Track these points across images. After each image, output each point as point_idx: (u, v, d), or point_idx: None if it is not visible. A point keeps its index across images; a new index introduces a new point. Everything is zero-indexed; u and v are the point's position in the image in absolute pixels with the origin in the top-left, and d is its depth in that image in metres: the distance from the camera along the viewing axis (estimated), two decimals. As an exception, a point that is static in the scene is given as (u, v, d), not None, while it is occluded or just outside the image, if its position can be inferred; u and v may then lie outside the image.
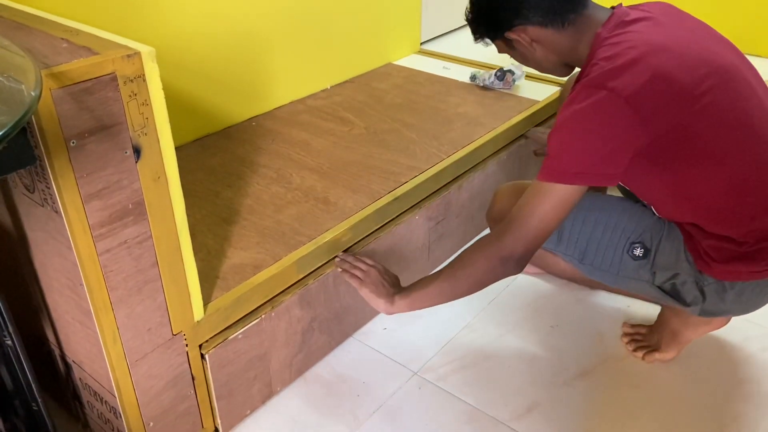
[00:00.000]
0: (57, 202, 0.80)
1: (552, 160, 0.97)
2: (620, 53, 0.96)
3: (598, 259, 1.12)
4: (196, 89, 1.56)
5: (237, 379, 1.09)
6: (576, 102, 0.96)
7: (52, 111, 0.73)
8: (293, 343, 1.18)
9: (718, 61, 0.98)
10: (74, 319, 0.94)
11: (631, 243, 1.10)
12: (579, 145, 0.96)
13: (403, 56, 2.16)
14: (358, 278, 1.15)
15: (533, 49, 1.09)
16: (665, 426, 1.14)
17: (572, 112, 0.96)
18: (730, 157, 0.98)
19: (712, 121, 0.96)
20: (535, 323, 1.37)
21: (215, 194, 1.37)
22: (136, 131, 0.81)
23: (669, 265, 1.08)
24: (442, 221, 1.45)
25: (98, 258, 0.84)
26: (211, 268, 1.14)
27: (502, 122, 1.68)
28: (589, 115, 0.94)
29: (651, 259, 1.09)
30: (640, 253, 1.09)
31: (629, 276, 1.12)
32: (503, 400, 1.19)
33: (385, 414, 1.17)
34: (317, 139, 1.60)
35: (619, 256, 1.11)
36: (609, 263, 1.12)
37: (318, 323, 1.22)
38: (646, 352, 1.27)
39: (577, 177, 0.95)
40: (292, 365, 1.20)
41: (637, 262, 1.10)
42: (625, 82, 0.92)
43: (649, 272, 1.10)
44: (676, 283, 1.09)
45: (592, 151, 0.95)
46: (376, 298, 1.12)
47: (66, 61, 0.75)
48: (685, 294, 1.09)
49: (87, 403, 1.08)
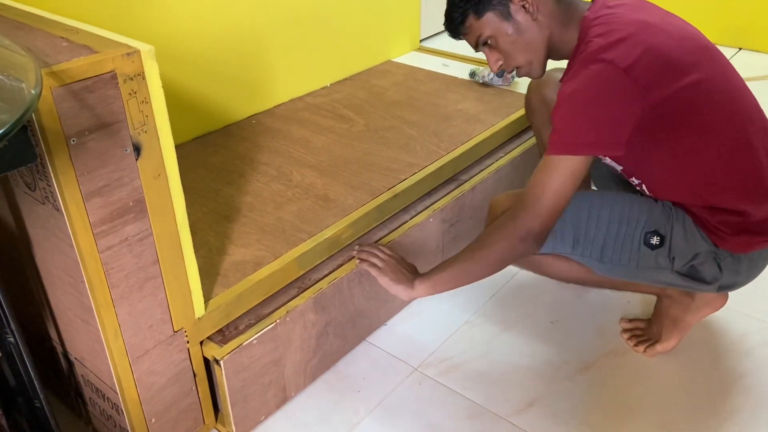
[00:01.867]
0: (58, 200, 0.80)
1: (558, 134, 0.99)
2: (613, 30, 0.99)
3: (617, 256, 1.11)
4: (196, 87, 1.57)
5: (252, 385, 1.08)
6: (576, 76, 0.99)
7: (52, 109, 0.74)
8: (308, 347, 1.17)
9: (701, 40, 1.04)
10: (76, 316, 0.94)
11: (646, 233, 1.10)
12: (583, 115, 0.98)
13: (403, 53, 2.16)
14: (377, 267, 1.16)
15: (533, 17, 1.05)
16: (665, 420, 1.15)
17: (573, 86, 0.99)
18: (719, 128, 1.02)
19: (703, 92, 1.00)
20: (536, 319, 1.37)
21: (216, 192, 1.38)
22: (136, 129, 0.82)
23: (687, 248, 1.08)
24: (456, 223, 1.43)
25: (99, 255, 0.84)
26: (212, 264, 1.14)
27: (502, 119, 1.68)
28: (591, 86, 0.97)
29: (668, 246, 1.09)
30: (656, 242, 1.09)
31: (649, 266, 1.11)
32: (504, 395, 1.20)
33: (385, 410, 1.18)
34: (317, 136, 1.61)
35: (636, 248, 1.10)
36: (628, 257, 1.11)
37: (332, 327, 1.20)
38: (647, 346, 1.27)
39: (584, 147, 0.98)
40: (306, 370, 1.18)
41: (655, 252, 1.10)
42: (622, 54, 0.96)
43: (668, 258, 1.10)
44: (695, 264, 1.09)
45: (597, 120, 0.97)
46: (395, 285, 1.13)
47: (66, 59, 0.75)
48: (705, 273, 1.10)
49: (89, 400, 1.09)
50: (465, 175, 1.53)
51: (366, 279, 1.23)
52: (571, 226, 1.11)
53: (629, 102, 0.96)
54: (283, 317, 1.09)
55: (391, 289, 1.14)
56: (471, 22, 1.08)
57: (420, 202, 1.42)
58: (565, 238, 1.12)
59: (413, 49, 2.21)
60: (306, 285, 1.17)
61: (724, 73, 1.04)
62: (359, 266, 1.20)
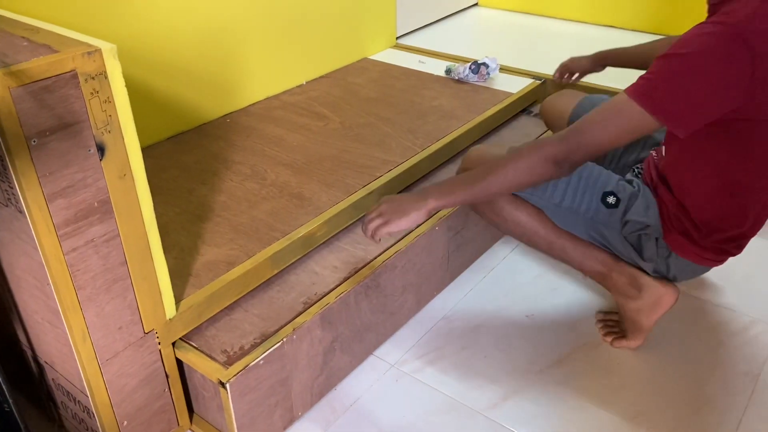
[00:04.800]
0: (20, 202, 0.79)
1: (648, 82, 0.94)
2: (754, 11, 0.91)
3: (576, 203, 1.17)
4: (169, 86, 1.55)
5: (259, 407, 1.04)
6: (705, 32, 0.92)
7: (11, 110, 0.73)
8: (315, 365, 1.12)
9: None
10: (44, 320, 0.93)
11: (605, 192, 1.16)
12: (682, 82, 0.92)
13: (379, 51, 2.16)
14: (385, 222, 1.10)
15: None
16: (640, 410, 1.16)
17: (695, 44, 0.92)
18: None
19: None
20: (511, 313, 1.38)
21: (189, 191, 1.37)
22: (99, 129, 0.81)
23: (640, 215, 1.14)
24: (461, 231, 1.42)
25: (64, 257, 0.83)
26: (184, 265, 1.14)
27: (477, 114, 1.69)
28: (710, 57, 0.90)
29: (623, 209, 1.16)
30: (612, 201, 1.16)
31: (601, 221, 1.18)
32: (480, 389, 1.20)
33: (362, 407, 1.18)
34: (292, 134, 1.60)
35: (595, 203, 1.17)
36: (585, 208, 1.17)
37: (339, 343, 1.17)
38: (614, 338, 1.29)
39: (663, 112, 0.93)
40: (313, 388, 1.14)
41: (609, 210, 1.16)
42: (762, 39, 0.89)
43: (620, 221, 1.16)
44: (641, 235, 1.16)
45: (692, 95, 0.92)
46: (407, 218, 1.08)
47: (25, 59, 0.74)
48: (646, 249, 1.17)
49: (61, 404, 1.07)
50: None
51: (373, 291, 1.20)
52: None
53: (734, 91, 0.91)
54: (290, 335, 1.05)
55: (409, 225, 1.09)
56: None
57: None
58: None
59: (389, 46, 2.21)
60: (312, 300, 1.13)
61: None
62: (376, 239, 1.11)
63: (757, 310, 1.37)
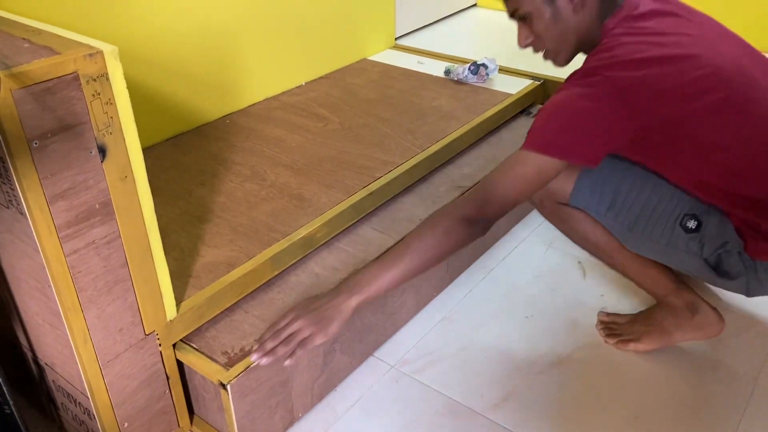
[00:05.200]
0: (22, 204, 0.79)
1: (536, 131, 0.99)
2: (622, 52, 0.97)
3: (649, 229, 1.09)
4: (168, 87, 1.55)
5: (259, 408, 1.04)
6: (569, 84, 0.98)
7: (13, 112, 0.73)
8: (315, 365, 1.12)
9: (720, 61, 0.97)
10: (44, 321, 0.93)
11: (685, 214, 1.07)
12: (566, 120, 0.97)
13: (378, 51, 2.16)
14: (309, 337, 0.99)
15: (575, 10, 1.03)
16: (640, 411, 1.16)
17: (564, 92, 0.98)
18: (723, 149, 0.99)
19: (711, 119, 0.96)
20: (511, 314, 1.38)
21: (189, 193, 1.37)
22: (100, 131, 0.81)
23: (718, 235, 1.05)
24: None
25: (66, 259, 0.83)
26: (185, 266, 1.14)
27: (477, 115, 1.69)
28: (582, 96, 0.96)
29: (701, 232, 1.07)
30: (693, 226, 1.06)
31: (678, 248, 1.09)
32: (479, 390, 1.20)
33: (362, 408, 1.18)
34: (292, 135, 1.60)
35: (671, 226, 1.08)
36: (660, 233, 1.08)
37: (340, 344, 1.16)
38: (619, 340, 1.28)
39: (557, 149, 0.97)
40: (313, 389, 1.14)
41: (688, 235, 1.07)
42: (620, 73, 0.94)
43: (699, 244, 1.07)
44: (722, 253, 1.06)
45: (578, 128, 0.96)
46: (334, 325, 1.00)
47: (27, 61, 0.74)
48: (731, 266, 1.06)
49: (61, 405, 1.07)
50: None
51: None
52: (612, 188, 1.10)
53: (615, 119, 0.95)
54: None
55: (329, 334, 1.00)
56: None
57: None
58: (603, 199, 1.11)
59: (388, 47, 2.21)
60: None
61: (744, 95, 0.98)
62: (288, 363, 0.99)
63: (756, 310, 1.37)
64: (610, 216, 1.12)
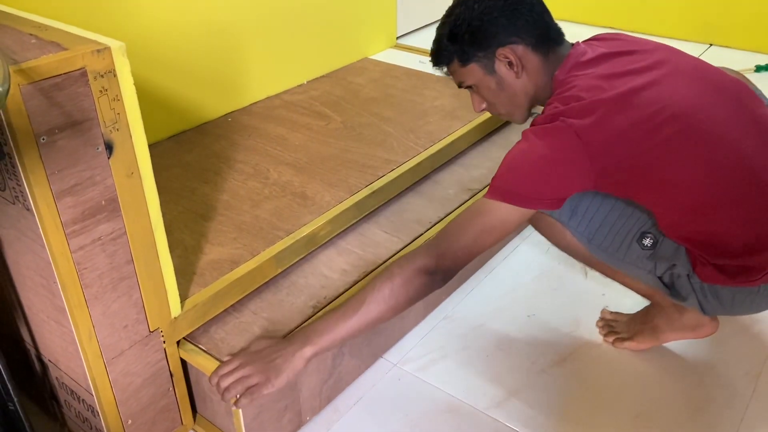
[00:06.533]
0: (28, 200, 0.79)
1: (497, 179, 0.99)
2: (575, 98, 0.98)
3: (607, 242, 1.11)
4: (171, 85, 1.55)
5: (268, 411, 1.03)
6: (529, 133, 1.00)
7: (21, 107, 0.73)
8: (324, 369, 1.11)
9: (672, 99, 0.97)
10: (49, 318, 0.93)
11: (643, 232, 1.08)
12: (528, 169, 0.98)
13: (380, 51, 2.17)
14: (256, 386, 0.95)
15: (517, 75, 1.06)
16: (641, 410, 1.17)
17: (524, 141, 1.00)
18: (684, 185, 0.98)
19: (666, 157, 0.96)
20: (513, 313, 1.39)
21: (191, 190, 1.37)
22: (107, 127, 0.81)
23: (671, 255, 1.07)
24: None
25: (72, 255, 0.83)
26: (189, 264, 1.14)
27: (478, 115, 1.69)
28: (541, 142, 0.97)
29: (655, 251, 1.08)
30: (649, 244, 1.08)
31: (633, 263, 1.11)
32: (482, 388, 1.21)
33: (365, 406, 1.18)
34: (294, 133, 1.60)
35: (628, 243, 1.09)
36: (617, 248, 1.10)
37: (348, 347, 1.14)
38: (616, 338, 1.29)
39: (518, 197, 0.97)
40: (321, 392, 1.13)
41: (644, 252, 1.09)
42: (575, 120, 0.95)
43: (652, 262, 1.09)
44: (673, 274, 1.08)
45: (541, 175, 0.97)
46: (284, 375, 0.96)
47: (35, 56, 0.74)
48: (681, 287, 1.09)
49: (65, 402, 1.07)
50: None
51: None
52: (575, 198, 1.10)
53: (575, 163, 0.95)
54: None
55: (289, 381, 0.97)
56: (455, 67, 1.10)
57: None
58: (565, 206, 1.11)
59: (390, 46, 2.21)
60: (321, 304, 1.13)
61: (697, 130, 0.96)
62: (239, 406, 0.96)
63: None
64: (572, 225, 1.14)
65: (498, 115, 1.15)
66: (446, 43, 1.08)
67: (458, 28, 1.06)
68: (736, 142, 0.98)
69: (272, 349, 0.98)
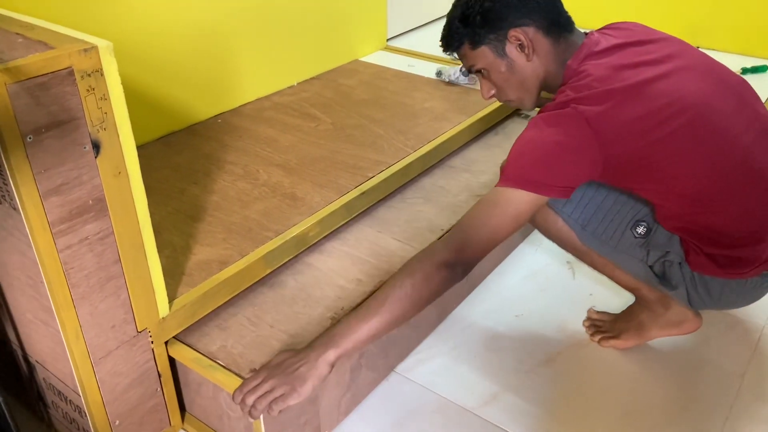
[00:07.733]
0: (15, 199, 0.79)
1: (512, 167, 0.99)
2: (587, 87, 0.98)
3: (601, 229, 1.11)
4: (160, 86, 1.55)
5: (289, 428, 1.01)
6: (539, 119, 0.99)
7: (7, 106, 0.73)
8: (342, 382, 1.09)
9: (681, 92, 0.98)
10: (36, 318, 0.93)
11: (637, 221, 1.10)
12: (537, 153, 0.98)
13: (370, 53, 2.17)
14: (281, 397, 0.91)
15: (528, 57, 1.06)
16: (628, 409, 1.17)
17: (534, 127, 0.99)
18: (687, 177, 0.99)
19: (672, 150, 0.97)
20: (501, 313, 1.39)
21: (181, 191, 1.36)
22: (94, 126, 0.81)
23: (664, 243, 1.08)
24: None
25: (58, 255, 0.83)
26: (177, 264, 1.13)
27: (468, 117, 1.70)
28: (551, 130, 0.97)
29: (649, 239, 1.10)
30: (642, 232, 1.09)
31: (625, 251, 1.12)
32: (470, 388, 1.21)
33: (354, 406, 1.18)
34: (284, 135, 1.60)
35: (621, 230, 1.10)
36: (610, 235, 1.11)
37: (366, 359, 1.13)
38: (602, 337, 1.30)
39: (531, 184, 0.97)
40: (340, 406, 1.12)
41: (636, 240, 1.10)
42: (587, 107, 0.95)
43: (644, 250, 1.10)
44: (665, 262, 1.10)
45: (556, 161, 0.97)
46: (310, 383, 0.92)
47: (21, 56, 0.74)
48: (672, 275, 1.10)
49: (52, 403, 1.07)
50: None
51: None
52: None
53: (586, 150, 0.96)
54: None
55: (315, 387, 0.93)
56: (466, 50, 1.10)
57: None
58: None
59: (380, 48, 2.22)
60: (339, 315, 1.11)
61: (705, 125, 0.98)
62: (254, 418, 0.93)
63: (743, 309, 1.39)
64: (567, 211, 1.14)
65: (507, 102, 1.14)
66: (458, 25, 1.08)
67: (470, 10, 1.06)
68: (739, 137, 1.00)
69: (294, 360, 0.94)
